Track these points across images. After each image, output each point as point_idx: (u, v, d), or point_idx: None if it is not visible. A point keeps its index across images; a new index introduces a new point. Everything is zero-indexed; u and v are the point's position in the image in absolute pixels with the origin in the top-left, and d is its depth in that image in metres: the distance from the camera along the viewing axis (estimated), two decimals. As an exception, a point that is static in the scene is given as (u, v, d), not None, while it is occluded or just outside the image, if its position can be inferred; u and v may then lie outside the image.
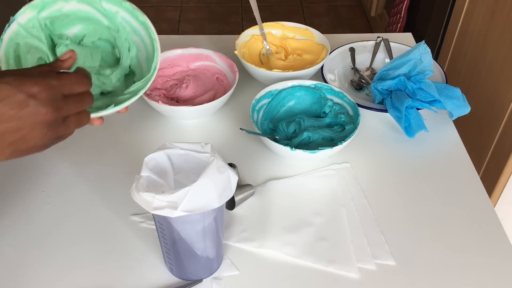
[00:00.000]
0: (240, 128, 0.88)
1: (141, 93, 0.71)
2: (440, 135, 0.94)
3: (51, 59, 0.73)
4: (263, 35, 1.10)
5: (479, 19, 1.39)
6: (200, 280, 0.70)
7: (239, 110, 0.98)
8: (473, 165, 0.88)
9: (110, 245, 0.75)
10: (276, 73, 0.98)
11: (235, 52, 1.03)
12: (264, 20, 1.10)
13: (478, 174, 0.87)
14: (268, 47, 1.10)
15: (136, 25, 0.74)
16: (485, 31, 1.35)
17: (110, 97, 0.76)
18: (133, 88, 0.72)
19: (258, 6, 1.08)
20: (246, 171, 0.87)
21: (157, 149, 0.65)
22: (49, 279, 0.71)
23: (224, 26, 2.82)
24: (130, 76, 0.78)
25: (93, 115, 0.68)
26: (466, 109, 0.92)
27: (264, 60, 1.09)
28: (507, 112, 1.23)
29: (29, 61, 0.70)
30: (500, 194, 1.31)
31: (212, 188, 0.59)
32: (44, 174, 0.85)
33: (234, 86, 0.94)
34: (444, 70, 1.04)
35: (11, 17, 0.68)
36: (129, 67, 0.77)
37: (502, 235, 0.77)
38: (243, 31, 1.10)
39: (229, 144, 0.92)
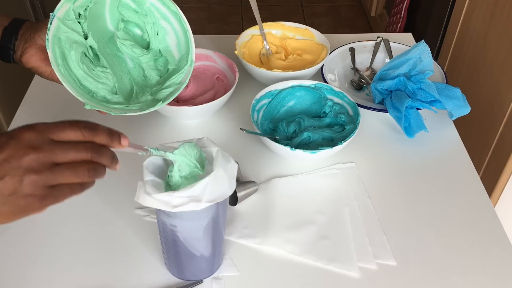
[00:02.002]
0: (240, 128, 0.88)
1: (183, 86, 0.76)
2: (440, 135, 0.94)
3: (90, 53, 0.76)
4: (263, 35, 1.10)
5: (479, 19, 1.39)
6: (200, 281, 0.70)
7: (239, 110, 0.98)
8: (473, 165, 0.88)
9: (110, 245, 0.75)
10: (276, 73, 0.98)
11: (235, 52, 1.03)
12: (264, 20, 1.10)
13: (478, 174, 0.87)
14: (268, 47, 1.10)
15: (165, 11, 0.76)
16: (485, 31, 1.35)
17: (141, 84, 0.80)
18: (172, 80, 0.76)
19: (258, 6, 1.08)
20: (247, 171, 0.87)
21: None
22: (49, 279, 0.71)
23: (224, 26, 2.82)
24: (160, 61, 0.81)
25: (140, 112, 0.72)
26: (466, 110, 0.92)
27: (264, 60, 1.09)
28: (507, 112, 1.23)
29: (74, 58, 0.72)
30: (500, 194, 1.31)
31: (225, 176, 0.61)
32: (44, 174, 0.85)
33: (234, 86, 0.94)
34: (444, 70, 1.04)
35: (50, 14, 0.69)
36: (159, 51, 0.80)
37: (502, 235, 0.77)
38: (243, 31, 1.10)
39: (229, 144, 0.92)
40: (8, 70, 0.84)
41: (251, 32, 1.10)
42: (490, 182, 1.30)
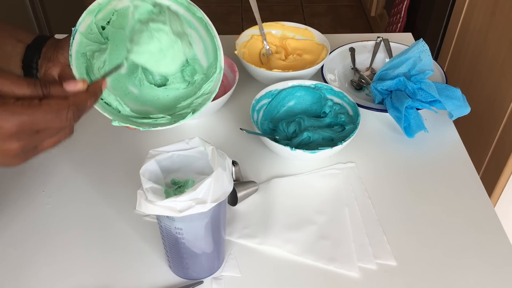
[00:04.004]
0: (240, 128, 0.88)
1: (213, 95, 0.72)
2: (440, 135, 0.94)
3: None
4: (263, 35, 1.10)
5: (479, 19, 1.39)
6: (201, 282, 0.70)
7: (239, 110, 0.98)
8: (473, 165, 0.88)
9: (110, 245, 0.75)
10: (276, 73, 0.98)
11: (235, 52, 1.03)
12: (264, 20, 1.10)
13: (478, 174, 0.87)
14: (268, 47, 1.10)
15: (191, 18, 0.73)
16: (485, 31, 1.35)
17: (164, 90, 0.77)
18: (202, 90, 0.73)
19: (258, 6, 1.08)
20: (247, 171, 0.87)
21: (146, 159, 0.64)
22: (49, 279, 0.71)
23: (224, 26, 2.82)
24: (187, 70, 0.77)
25: (169, 126, 0.69)
26: (466, 110, 0.92)
27: (264, 60, 1.09)
28: (507, 112, 1.23)
29: (95, 67, 0.70)
30: (500, 194, 1.31)
31: (224, 174, 0.61)
32: (44, 174, 0.85)
33: (234, 86, 0.94)
34: (444, 70, 1.04)
35: (72, 28, 0.67)
36: (186, 61, 0.76)
37: (502, 235, 0.77)
38: (243, 31, 1.10)
39: (229, 144, 0.92)
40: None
41: (251, 32, 1.10)
42: (490, 182, 1.31)
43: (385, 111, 0.94)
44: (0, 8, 1.56)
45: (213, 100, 0.91)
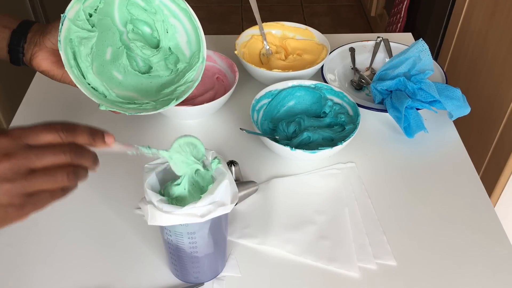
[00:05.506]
0: (240, 128, 0.88)
1: (196, 83, 0.75)
2: (440, 135, 0.94)
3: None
4: (263, 35, 1.10)
5: (479, 19, 1.39)
6: (201, 284, 0.70)
7: (239, 110, 0.98)
8: (473, 165, 0.88)
9: (110, 245, 0.75)
10: (276, 73, 0.98)
11: (235, 52, 1.03)
12: (264, 20, 1.10)
13: (478, 174, 0.87)
14: (268, 47, 1.10)
15: (175, 9, 0.76)
16: (485, 31, 1.35)
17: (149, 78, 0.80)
18: (185, 78, 0.76)
19: (258, 6, 1.08)
20: (247, 171, 0.87)
21: (145, 174, 0.63)
22: (49, 279, 0.71)
23: (224, 26, 2.82)
24: (171, 59, 0.80)
25: (154, 111, 0.71)
26: (466, 110, 0.92)
27: (264, 60, 1.09)
28: (507, 112, 1.23)
29: (83, 53, 0.72)
30: (500, 194, 1.31)
31: (230, 176, 0.62)
32: (44, 174, 0.85)
33: (234, 86, 0.94)
34: (444, 70, 1.04)
35: (61, 15, 0.68)
36: (169, 49, 0.79)
37: (502, 235, 0.77)
38: (243, 31, 1.10)
39: (229, 144, 0.92)
40: (8, 70, 0.84)
41: (251, 32, 1.10)
42: (490, 182, 1.30)
43: (385, 111, 0.94)
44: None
45: (213, 100, 0.91)
